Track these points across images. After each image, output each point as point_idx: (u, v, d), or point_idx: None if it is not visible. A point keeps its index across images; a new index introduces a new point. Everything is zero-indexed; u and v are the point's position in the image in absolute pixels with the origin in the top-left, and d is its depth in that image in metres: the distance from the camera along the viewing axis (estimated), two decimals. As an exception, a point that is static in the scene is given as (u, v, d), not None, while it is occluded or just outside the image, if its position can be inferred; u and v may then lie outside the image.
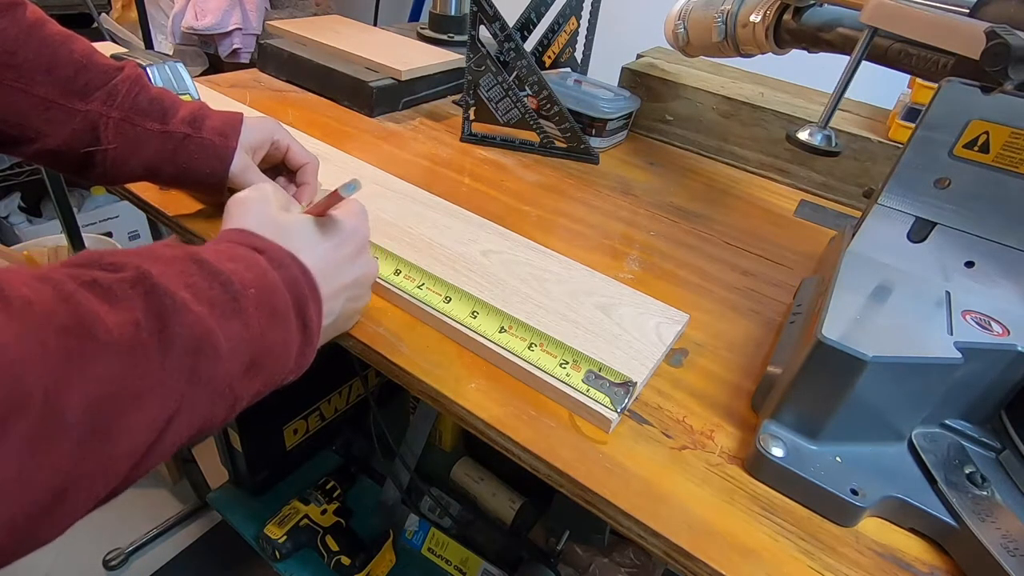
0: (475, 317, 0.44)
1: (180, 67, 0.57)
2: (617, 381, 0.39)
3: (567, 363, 0.40)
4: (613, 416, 0.37)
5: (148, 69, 0.54)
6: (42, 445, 0.20)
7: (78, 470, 0.22)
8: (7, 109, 0.41)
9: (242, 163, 0.47)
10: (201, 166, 0.46)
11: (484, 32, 0.69)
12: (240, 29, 1.44)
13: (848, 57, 0.49)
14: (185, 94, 0.57)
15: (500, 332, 0.43)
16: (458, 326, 0.43)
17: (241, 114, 0.48)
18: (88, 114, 0.43)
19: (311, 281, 0.34)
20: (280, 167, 0.53)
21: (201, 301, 0.27)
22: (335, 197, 0.36)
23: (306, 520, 0.99)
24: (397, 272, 0.47)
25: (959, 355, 0.34)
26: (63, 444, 0.21)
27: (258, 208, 0.36)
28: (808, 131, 0.51)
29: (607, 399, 0.38)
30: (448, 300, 0.45)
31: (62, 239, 1.25)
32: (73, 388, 0.21)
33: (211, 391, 0.27)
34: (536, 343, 0.42)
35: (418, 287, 0.46)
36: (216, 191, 0.47)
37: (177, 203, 0.55)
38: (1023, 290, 0.39)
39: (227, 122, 0.47)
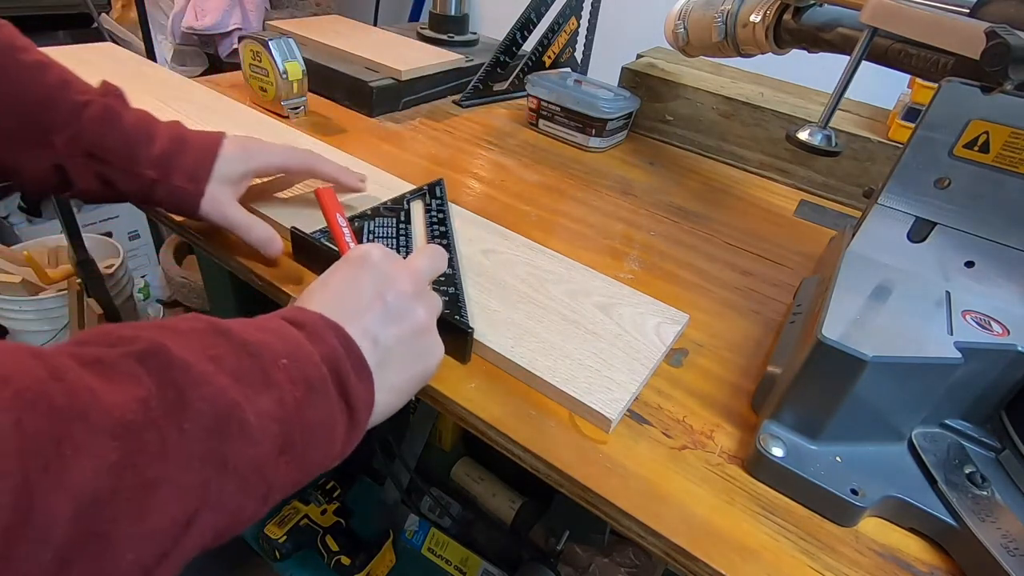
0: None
1: (292, 42, 0.71)
2: None
3: None
4: (613, 416, 0.37)
5: (269, 42, 0.68)
6: (12, 562, 0.16)
7: None
8: None
9: (214, 201, 0.44)
10: (173, 208, 0.45)
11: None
12: (240, 29, 1.44)
13: (848, 57, 0.49)
14: (293, 60, 0.70)
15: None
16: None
17: (219, 142, 0.45)
18: (53, 156, 0.40)
19: (355, 352, 0.30)
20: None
21: (225, 372, 0.24)
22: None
23: (306, 520, 0.99)
24: None
25: (959, 355, 0.34)
26: (42, 557, 0.17)
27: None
28: (808, 131, 0.51)
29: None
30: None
31: (62, 239, 1.25)
32: (59, 485, 0.17)
33: (239, 478, 0.23)
34: None
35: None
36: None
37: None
38: (1023, 290, 0.39)
39: (200, 161, 0.44)
